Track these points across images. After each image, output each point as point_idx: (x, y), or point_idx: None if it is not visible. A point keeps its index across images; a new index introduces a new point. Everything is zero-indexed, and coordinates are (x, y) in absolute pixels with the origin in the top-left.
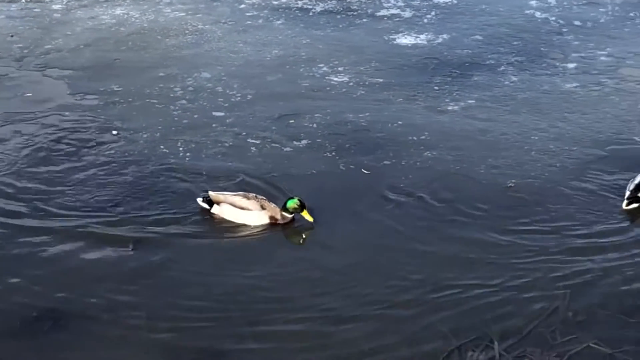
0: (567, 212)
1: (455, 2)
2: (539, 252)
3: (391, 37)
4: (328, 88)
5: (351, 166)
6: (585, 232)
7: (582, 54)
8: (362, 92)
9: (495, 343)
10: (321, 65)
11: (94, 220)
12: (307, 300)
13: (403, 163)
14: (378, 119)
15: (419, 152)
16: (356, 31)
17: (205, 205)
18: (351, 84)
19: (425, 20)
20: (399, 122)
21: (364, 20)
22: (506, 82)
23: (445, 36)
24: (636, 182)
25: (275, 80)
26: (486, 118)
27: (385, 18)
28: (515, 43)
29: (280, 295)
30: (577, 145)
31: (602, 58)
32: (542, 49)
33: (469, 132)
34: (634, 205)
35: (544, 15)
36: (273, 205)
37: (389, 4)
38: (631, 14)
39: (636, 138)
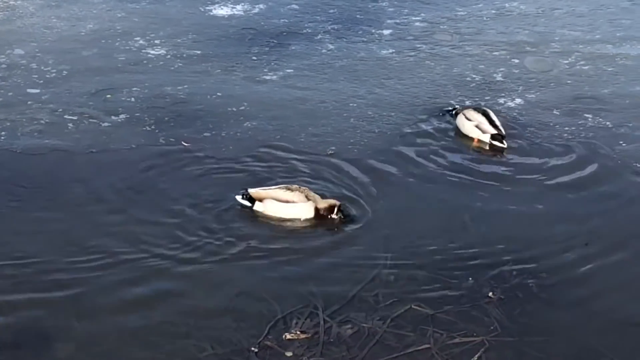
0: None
1: None
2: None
3: (207, 8)
4: (145, 61)
5: (171, 139)
6: None
7: (397, 20)
8: (180, 64)
9: (320, 309)
10: (137, 38)
11: None
12: None
13: (223, 134)
14: (197, 91)
15: (238, 122)
16: (172, 3)
17: (246, 203)
18: (168, 56)
19: None
20: (218, 94)
21: None
22: (323, 51)
23: (261, 6)
24: (497, 122)
25: (91, 55)
26: (305, 87)
27: None
28: (332, 11)
29: None
30: (395, 110)
31: (417, 24)
32: (357, 16)
33: (288, 101)
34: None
35: None
36: (317, 196)
37: None
38: None
39: (452, 102)
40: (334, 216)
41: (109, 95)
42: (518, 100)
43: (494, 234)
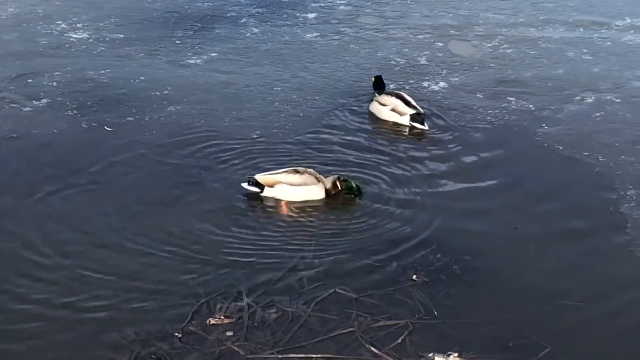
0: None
1: None
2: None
3: None
4: (67, 45)
5: (94, 124)
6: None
7: (322, 4)
8: (103, 48)
9: (244, 294)
10: (59, 22)
11: None
12: None
13: (147, 119)
14: (120, 75)
15: (162, 107)
16: None
17: (255, 189)
18: (91, 40)
19: None
20: (141, 78)
21: None
22: (248, 34)
23: None
24: (412, 103)
25: (11, 39)
26: (229, 70)
27: None
28: None
29: None
30: (319, 94)
31: (341, 7)
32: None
33: (212, 85)
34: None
35: None
36: (321, 176)
37: None
38: None
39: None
40: (340, 188)
41: (30, 80)
42: (442, 84)
43: (417, 218)
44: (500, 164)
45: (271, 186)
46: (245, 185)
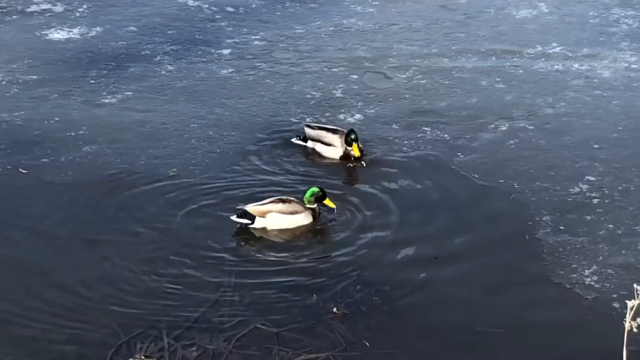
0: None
1: None
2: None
3: (43, 32)
4: None
5: (8, 166)
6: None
7: (236, 40)
8: (16, 90)
9: (164, 333)
10: None
11: None
12: None
13: (62, 159)
14: (34, 116)
15: (77, 147)
16: (7, 28)
17: (245, 221)
18: (4, 82)
19: (78, 14)
20: (56, 119)
21: (14, 17)
22: (163, 72)
23: (99, 29)
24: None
25: None
26: (145, 109)
27: (36, 14)
28: (170, 32)
29: None
30: (236, 130)
31: (256, 42)
32: (196, 36)
33: (128, 124)
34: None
35: (196, 3)
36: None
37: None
38: None
39: (292, 119)
40: (326, 203)
41: None
42: (358, 116)
43: (337, 250)
44: (417, 194)
45: (262, 216)
46: (234, 218)
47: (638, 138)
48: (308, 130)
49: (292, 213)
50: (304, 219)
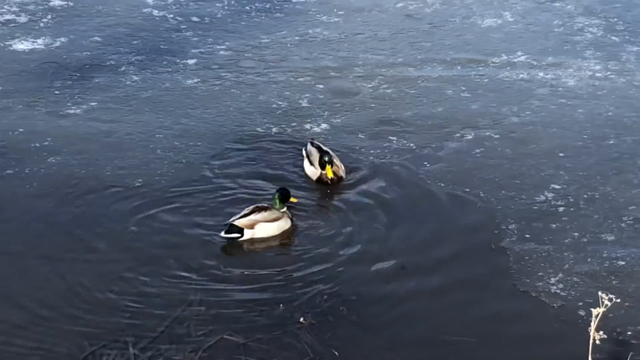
0: (198, 203)
1: (71, 4)
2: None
3: (7, 43)
4: None
5: None
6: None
7: (202, 50)
8: None
9: (130, 344)
10: None
11: None
12: None
13: (27, 171)
14: None
15: (42, 158)
16: None
17: (235, 235)
18: None
19: (42, 25)
20: (20, 130)
21: None
22: (128, 82)
23: (63, 39)
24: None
25: None
26: (110, 119)
27: (0, 24)
28: (135, 42)
29: None
30: (202, 140)
31: (222, 52)
32: (161, 46)
33: (93, 135)
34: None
35: (161, 13)
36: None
37: (3, 10)
38: (247, 8)
39: (258, 129)
40: (292, 200)
41: None
42: (324, 125)
43: (303, 260)
44: (384, 204)
45: (251, 227)
46: (223, 234)
47: (603, 146)
48: (309, 147)
49: (274, 220)
50: (285, 223)
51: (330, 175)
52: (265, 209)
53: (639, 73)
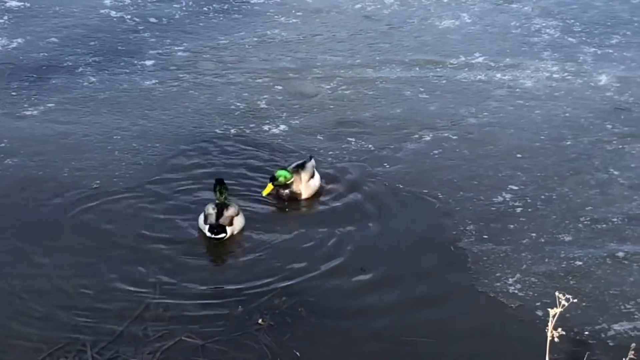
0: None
1: (28, 5)
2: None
3: None
4: None
5: None
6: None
7: (160, 51)
8: None
9: (88, 346)
10: None
11: None
12: None
13: None
14: None
15: None
16: None
17: (222, 235)
18: None
19: None
20: None
21: None
22: (85, 84)
23: (20, 40)
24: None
25: None
26: (67, 121)
27: None
28: (92, 43)
29: None
30: (160, 141)
31: (180, 54)
32: (119, 47)
33: (50, 136)
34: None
35: (119, 14)
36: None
37: None
38: (205, 9)
39: (217, 130)
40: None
41: None
42: (282, 127)
43: (262, 262)
44: (342, 205)
45: (230, 224)
46: (212, 236)
47: (560, 147)
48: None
49: (239, 213)
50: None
51: (265, 192)
52: (224, 205)
53: (596, 74)
